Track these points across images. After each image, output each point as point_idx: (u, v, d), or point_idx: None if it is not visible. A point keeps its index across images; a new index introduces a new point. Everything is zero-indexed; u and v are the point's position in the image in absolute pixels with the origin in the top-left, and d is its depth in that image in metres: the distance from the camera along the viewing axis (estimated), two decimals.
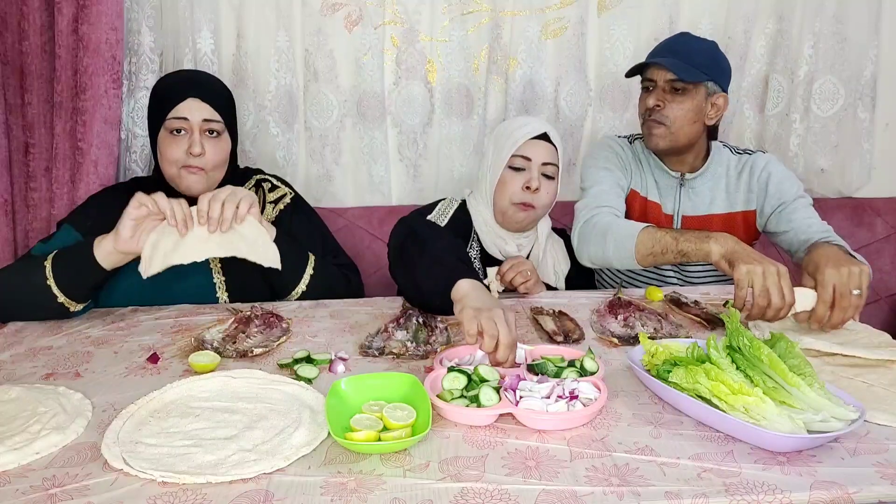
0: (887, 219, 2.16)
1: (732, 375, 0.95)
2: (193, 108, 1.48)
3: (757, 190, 1.72)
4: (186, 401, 1.02)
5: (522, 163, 1.62)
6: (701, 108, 1.66)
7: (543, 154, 1.63)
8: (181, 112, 1.47)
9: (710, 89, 1.66)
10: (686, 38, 1.70)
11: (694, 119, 1.66)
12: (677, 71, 1.62)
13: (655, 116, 1.67)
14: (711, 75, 1.64)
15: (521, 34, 2.08)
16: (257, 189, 1.66)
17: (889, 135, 2.23)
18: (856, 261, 1.35)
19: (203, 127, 1.49)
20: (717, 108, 1.68)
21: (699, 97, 1.65)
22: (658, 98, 1.66)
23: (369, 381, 1.03)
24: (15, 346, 1.25)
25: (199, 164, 1.48)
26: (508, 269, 1.53)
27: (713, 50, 1.68)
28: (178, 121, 1.47)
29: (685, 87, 1.63)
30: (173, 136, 1.48)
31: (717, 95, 1.67)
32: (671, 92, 1.65)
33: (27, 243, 1.92)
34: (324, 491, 0.81)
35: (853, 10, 2.09)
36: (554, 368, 1.06)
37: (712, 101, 1.67)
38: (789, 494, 0.80)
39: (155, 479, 0.82)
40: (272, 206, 1.63)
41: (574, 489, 0.81)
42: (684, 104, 1.65)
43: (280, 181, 1.71)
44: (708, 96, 1.66)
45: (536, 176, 1.61)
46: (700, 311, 1.40)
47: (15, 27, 1.80)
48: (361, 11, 2.04)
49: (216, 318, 1.38)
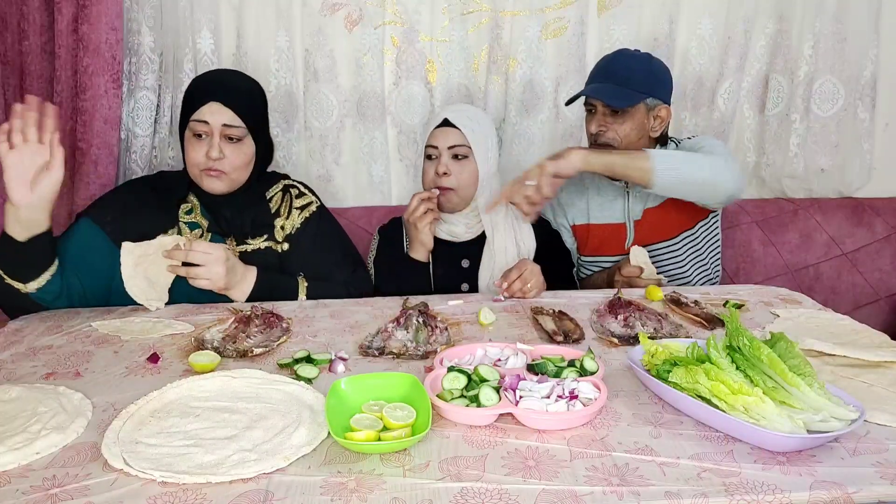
0: (887, 219, 2.16)
1: (732, 375, 0.95)
2: (214, 112, 1.49)
3: None
4: (186, 401, 1.02)
5: (432, 151, 1.73)
6: (643, 124, 1.72)
7: (447, 139, 1.70)
8: (202, 116, 1.49)
9: (650, 104, 1.71)
10: (621, 58, 1.75)
11: (638, 136, 1.72)
12: (608, 100, 1.68)
13: (601, 140, 1.72)
14: (648, 91, 1.69)
15: (521, 34, 2.08)
16: (284, 194, 1.67)
17: (889, 135, 2.23)
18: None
19: (223, 132, 1.50)
20: (660, 119, 1.73)
21: (639, 115, 1.70)
22: (599, 123, 1.72)
23: (369, 381, 1.03)
24: (15, 346, 1.25)
25: (219, 167, 1.50)
26: (517, 279, 1.52)
27: (647, 65, 1.72)
28: (199, 124, 1.49)
29: (623, 108, 1.68)
30: (195, 138, 1.51)
31: (658, 108, 1.72)
32: (611, 115, 1.70)
33: None
34: (324, 491, 0.81)
35: (853, 10, 2.08)
36: (554, 368, 1.06)
37: (654, 115, 1.72)
38: (789, 494, 0.80)
39: (155, 479, 0.82)
40: (298, 213, 1.65)
41: (574, 489, 0.81)
42: (625, 125, 1.70)
43: (307, 189, 1.72)
44: (649, 111, 1.71)
45: (444, 161, 1.70)
46: (700, 311, 1.40)
47: (15, 27, 1.80)
48: (361, 11, 2.04)
49: (216, 317, 1.38)
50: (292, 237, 1.62)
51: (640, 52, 1.77)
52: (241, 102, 1.52)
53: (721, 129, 2.14)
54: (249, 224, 1.58)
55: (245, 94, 1.55)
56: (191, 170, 1.54)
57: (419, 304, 1.40)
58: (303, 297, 1.54)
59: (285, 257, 1.60)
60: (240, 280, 1.48)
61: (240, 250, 1.57)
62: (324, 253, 1.64)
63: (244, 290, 1.49)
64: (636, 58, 1.74)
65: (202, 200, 1.58)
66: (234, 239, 1.57)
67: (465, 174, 1.70)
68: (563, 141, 2.17)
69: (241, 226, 1.57)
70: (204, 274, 1.41)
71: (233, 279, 1.45)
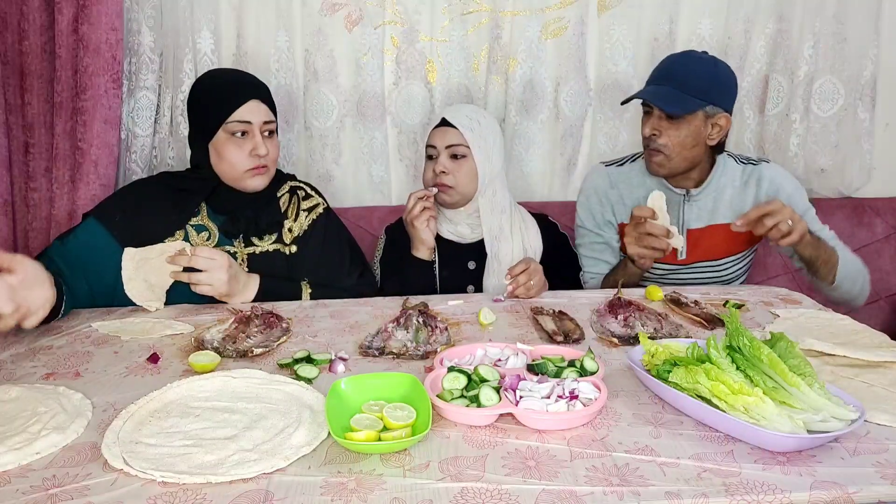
0: (887, 219, 2.16)
1: (732, 375, 0.95)
2: (254, 110, 1.50)
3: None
4: (186, 401, 1.02)
5: (431, 151, 1.75)
6: (699, 132, 1.63)
7: (445, 139, 1.72)
8: (244, 115, 1.49)
9: (710, 112, 1.62)
10: (685, 60, 1.65)
11: (693, 144, 1.64)
12: (665, 106, 1.60)
13: (653, 145, 1.65)
14: (709, 99, 1.60)
15: (521, 34, 2.08)
16: (291, 196, 1.67)
17: (889, 135, 2.23)
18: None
19: (263, 128, 1.52)
20: (719, 127, 1.64)
21: (696, 122, 1.62)
22: (653, 126, 1.64)
23: (369, 381, 1.03)
24: (15, 346, 1.25)
25: (265, 162, 1.53)
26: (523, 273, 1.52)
27: (712, 71, 1.63)
28: (241, 124, 1.49)
29: (680, 114, 1.60)
30: (235, 138, 1.50)
31: (718, 116, 1.63)
32: (667, 119, 1.62)
33: (27, 243, 1.92)
34: (324, 491, 0.81)
35: (853, 10, 2.09)
36: (554, 368, 1.06)
37: (713, 122, 1.63)
38: (789, 494, 0.80)
39: (155, 479, 0.82)
40: (305, 215, 1.65)
41: (574, 489, 0.81)
42: (680, 131, 1.62)
43: (314, 190, 1.72)
44: (707, 118, 1.62)
45: (442, 161, 1.71)
46: (700, 311, 1.40)
47: (15, 27, 1.80)
48: (361, 11, 2.04)
49: (216, 318, 1.38)
50: (300, 239, 1.62)
51: (707, 56, 1.66)
52: (270, 98, 1.56)
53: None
54: (262, 223, 1.58)
55: (267, 90, 1.58)
56: (229, 172, 1.52)
57: (419, 304, 1.40)
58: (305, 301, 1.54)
59: (293, 260, 1.60)
60: (242, 288, 1.48)
61: (248, 252, 1.56)
62: (331, 256, 1.64)
63: (247, 297, 1.49)
64: (701, 61, 1.63)
65: (213, 203, 1.57)
66: (242, 241, 1.57)
67: (462, 173, 1.71)
68: (562, 141, 2.17)
69: (254, 225, 1.57)
70: (206, 280, 1.41)
71: (235, 287, 1.45)
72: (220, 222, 1.56)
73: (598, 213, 1.80)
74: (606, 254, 1.79)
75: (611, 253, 1.80)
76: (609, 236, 1.80)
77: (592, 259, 1.80)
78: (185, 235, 1.54)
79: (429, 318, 1.32)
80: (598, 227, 1.80)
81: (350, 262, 1.66)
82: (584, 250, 1.82)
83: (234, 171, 1.52)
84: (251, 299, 1.49)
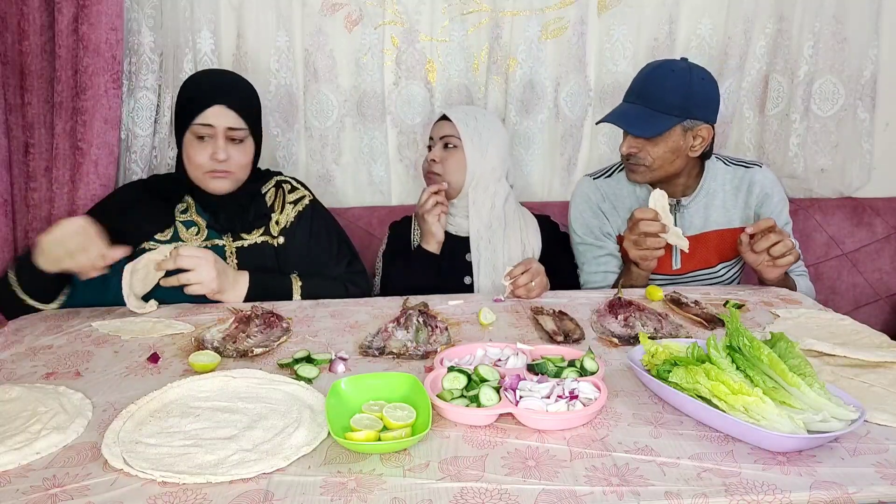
0: (887, 219, 2.16)
1: (732, 375, 0.95)
2: (219, 115, 1.50)
3: (754, 208, 1.72)
4: (186, 401, 1.02)
5: (430, 142, 1.83)
6: (678, 146, 1.60)
7: (441, 130, 1.79)
8: (207, 119, 1.49)
9: (688, 125, 1.58)
10: (658, 75, 1.60)
11: (673, 158, 1.61)
12: (634, 131, 1.58)
13: (632, 160, 1.64)
14: (685, 114, 1.56)
15: (520, 34, 2.08)
16: (277, 190, 1.68)
17: (889, 135, 2.23)
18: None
19: (227, 134, 1.51)
20: (701, 139, 1.61)
21: (674, 137, 1.58)
22: (630, 145, 1.61)
23: (369, 380, 1.03)
24: (15, 346, 1.25)
25: (224, 168, 1.52)
26: (523, 275, 1.51)
27: (685, 85, 1.57)
28: (204, 127, 1.49)
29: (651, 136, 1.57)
30: (199, 141, 1.51)
31: (698, 128, 1.59)
32: (643, 138, 1.59)
33: (27, 243, 1.91)
34: (324, 491, 0.81)
35: (853, 10, 2.09)
36: (554, 368, 1.06)
37: (694, 135, 1.60)
38: (789, 494, 0.80)
39: (155, 479, 0.82)
40: (291, 207, 1.66)
41: (574, 489, 0.81)
42: (658, 147, 1.59)
43: (299, 183, 1.73)
44: (686, 131, 1.59)
45: (435, 150, 1.79)
46: (700, 311, 1.40)
47: (15, 27, 1.80)
48: (361, 11, 2.05)
49: (216, 317, 1.38)
50: (287, 231, 1.63)
51: (682, 66, 1.60)
52: (243, 104, 1.54)
53: (721, 129, 2.14)
54: (248, 219, 1.60)
55: (245, 96, 1.56)
56: (193, 172, 1.54)
57: (419, 304, 1.40)
58: (297, 296, 1.55)
59: (281, 251, 1.62)
60: (232, 283, 1.49)
61: (236, 246, 1.58)
62: (319, 245, 1.66)
63: (238, 293, 1.50)
64: (674, 75, 1.58)
65: (198, 199, 1.59)
66: (230, 235, 1.58)
67: (450, 161, 1.75)
68: (562, 141, 2.17)
69: (239, 222, 1.59)
70: (195, 278, 1.41)
71: (224, 282, 1.46)
72: (208, 218, 1.59)
73: (595, 227, 1.79)
74: (612, 264, 1.77)
75: (616, 263, 1.78)
76: (612, 247, 1.78)
77: (601, 273, 1.76)
78: (174, 231, 1.56)
79: (429, 318, 1.32)
80: (599, 239, 1.78)
81: (338, 252, 1.68)
82: (590, 266, 1.78)
83: (196, 171, 1.53)
84: (243, 295, 1.50)
